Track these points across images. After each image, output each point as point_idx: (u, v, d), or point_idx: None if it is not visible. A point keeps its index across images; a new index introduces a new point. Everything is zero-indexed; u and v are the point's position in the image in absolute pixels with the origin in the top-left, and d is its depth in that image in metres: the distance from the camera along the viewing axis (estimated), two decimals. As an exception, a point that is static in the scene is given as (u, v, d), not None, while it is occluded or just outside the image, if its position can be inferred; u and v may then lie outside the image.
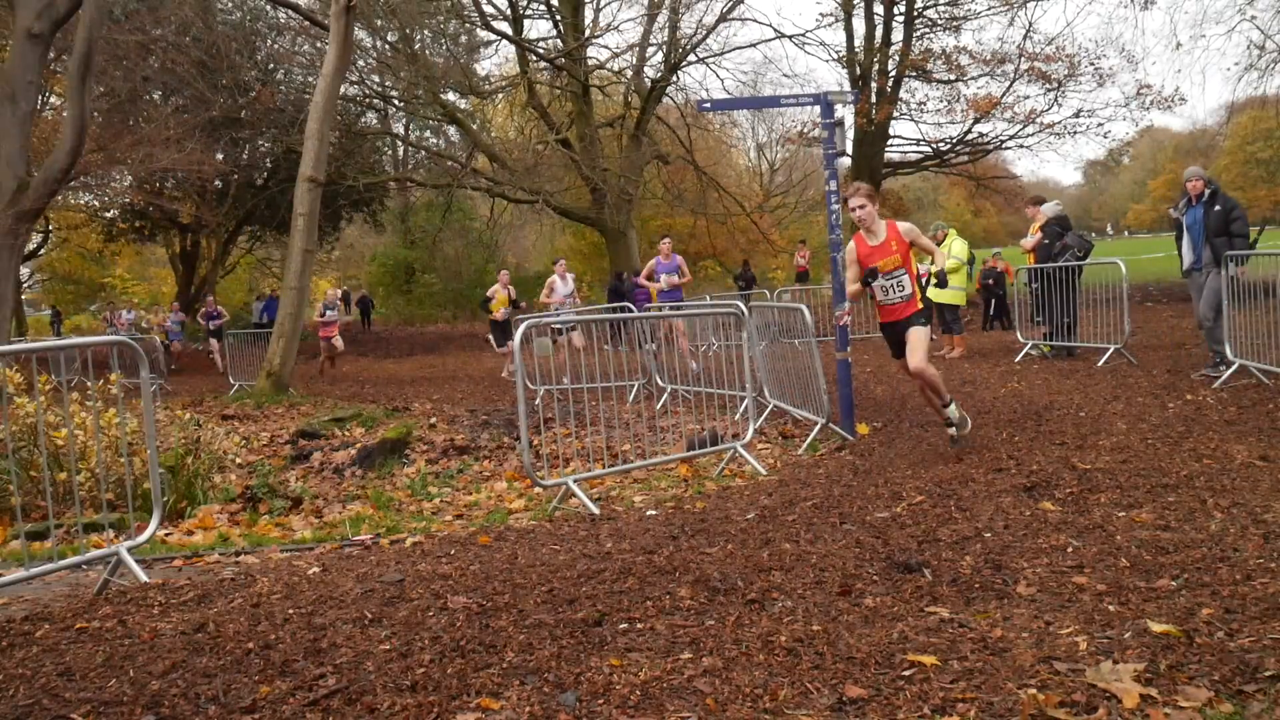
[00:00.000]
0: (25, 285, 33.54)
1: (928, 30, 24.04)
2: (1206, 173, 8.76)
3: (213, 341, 20.28)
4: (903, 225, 5.95)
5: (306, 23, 22.29)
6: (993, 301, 17.85)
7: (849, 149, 21.36)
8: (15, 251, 12.44)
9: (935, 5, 23.82)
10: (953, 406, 5.99)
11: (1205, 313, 8.31)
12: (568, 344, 11.50)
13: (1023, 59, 22.72)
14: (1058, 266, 10.60)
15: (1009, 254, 21.93)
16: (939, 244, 12.38)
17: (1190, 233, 8.41)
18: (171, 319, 23.02)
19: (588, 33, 24.71)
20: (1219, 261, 8.01)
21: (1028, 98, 23.73)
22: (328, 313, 16.63)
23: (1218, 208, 8.18)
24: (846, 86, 23.59)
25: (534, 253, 41.63)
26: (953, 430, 6.03)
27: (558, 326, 11.04)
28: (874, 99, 23.43)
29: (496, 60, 50.88)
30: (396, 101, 26.47)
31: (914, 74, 23.93)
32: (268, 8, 23.92)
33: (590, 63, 25.57)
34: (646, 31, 25.62)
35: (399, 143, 29.70)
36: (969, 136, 24.99)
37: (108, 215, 27.03)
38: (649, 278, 11.95)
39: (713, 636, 2.94)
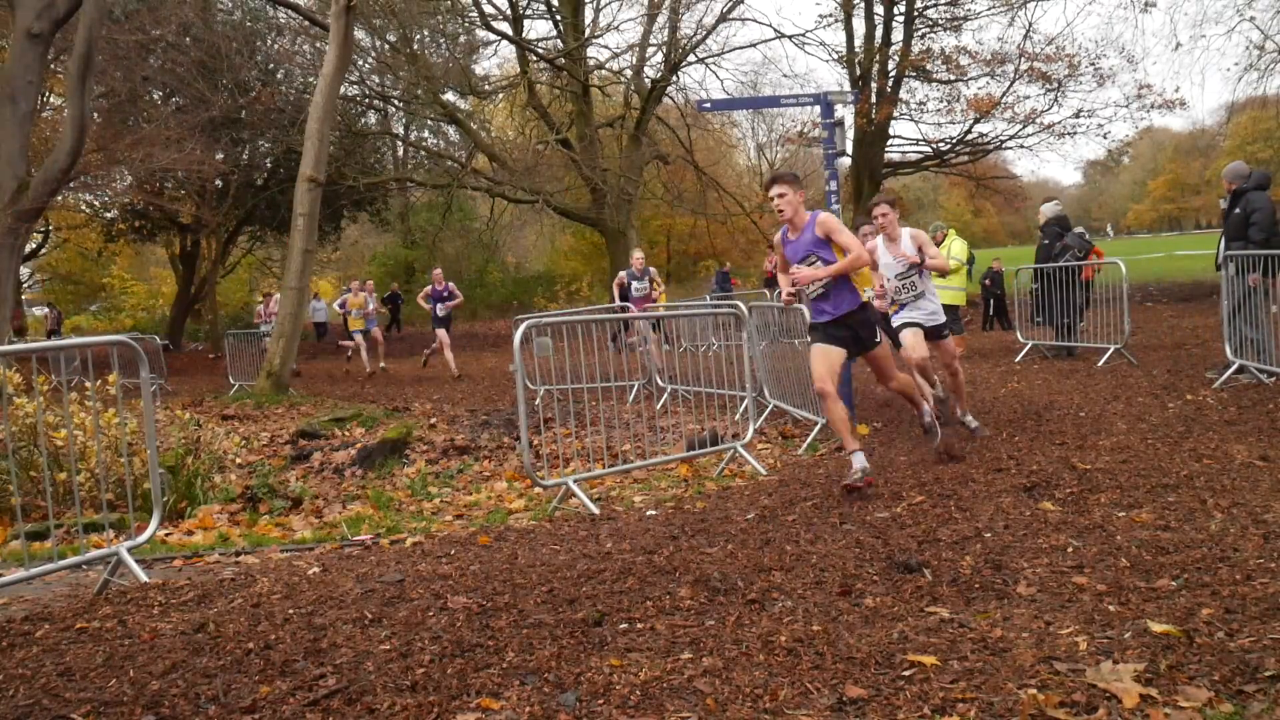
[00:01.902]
0: (25, 285, 33.51)
1: (928, 30, 24.05)
2: (1249, 167, 8.37)
3: (440, 333, 15.49)
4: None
5: (306, 23, 22.28)
6: (991, 301, 17.89)
7: (849, 149, 21.41)
8: (15, 251, 12.45)
9: (935, 5, 23.83)
10: None
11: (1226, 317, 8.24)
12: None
13: (1023, 59, 22.74)
14: (1058, 266, 10.62)
15: (1009, 254, 21.90)
16: (938, 245, 12.38)
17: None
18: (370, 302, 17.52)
19: (588, 33, 24.70)
20: (1235, 266, 7.90)
21: (1028, 98, 23.77)
22: (635, 285, 12.47)
23: (1238, 211, 8.03)
24: (846, 86, 23.59)
25: (534, 252, 41.62)
26: None
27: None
28: (874, 99, 23.43)
29: (496, 60, 50.87)
30: (396, 101, 26.47)
31: (914, 74, 23.95)
32: (268, 8, 23.91)
33: (590, 63, 25.57)
34: (646, 31, 25.61)
35: (399, 143, 29.71)
36: (969, 136, 25.01)
37: (108, 215, 27.01)
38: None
39: (713, 636, 2.94)
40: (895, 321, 6.51)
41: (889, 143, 25.70)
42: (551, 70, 25.12)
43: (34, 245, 30.49)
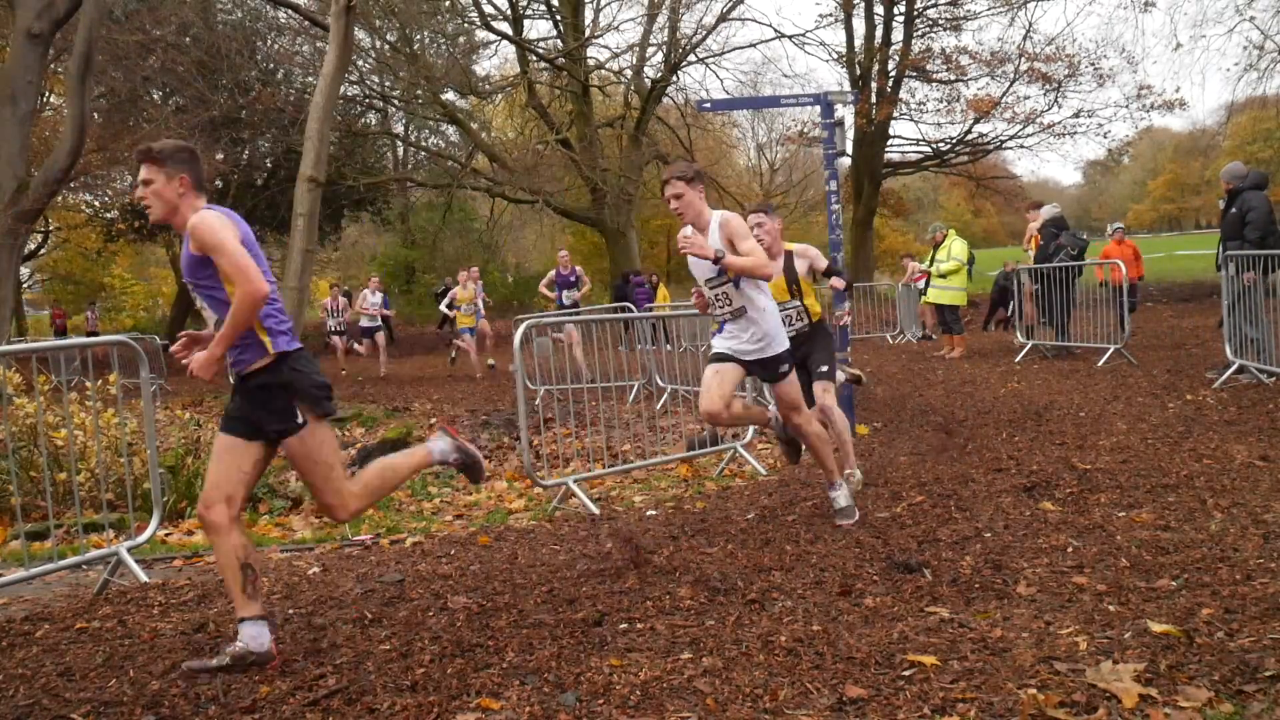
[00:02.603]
0: (25, 285, 33.51)
1: (928, 30, 24.06)
2: (1246, 168, 8.36)
3: (571, 330, 11.22)
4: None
5: (306, 23, 22.27)
6: (996, 300, 17.89)
7: (849, 149, 21.38)
8: (15, 251, 12.45)
9: (935, 5, 23.84)
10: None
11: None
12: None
13: (1023, 59, 22.74)
14: (1057, 266, 10.64)
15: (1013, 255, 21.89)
16: (938, 245, 12.39)
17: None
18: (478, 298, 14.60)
19: (588, 33, 24.69)
20: (1235, 265, 7.91)
21: (1027, 98, 23.76)
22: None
23: (1233, 210, 8.05)
24: (846, 86, 23.60)
25: (534, 252, 41.63)
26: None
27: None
28: (874, 99, 23.44)
29: (496, 60, 50.87)
30: (396, 101, 26.46)
31: (914, 74, 23.95)
32: (268, 8, 23.90)
33: (590, 63, 25.56)
34: (646, 31, 25.60)
35: (399, 143, 29.71)
36: (969, 137, 25.01)
37: (108, 215, 27.01)
38: None
39: (713, 636, 2.94)
40: (715, 346, 4.44)
41: (889, 143, 25.71)
42: (551, 70, 25.11)
43: (34, 245, 30.48)
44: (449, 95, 24.92)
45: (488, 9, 24.54)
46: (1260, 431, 5.70)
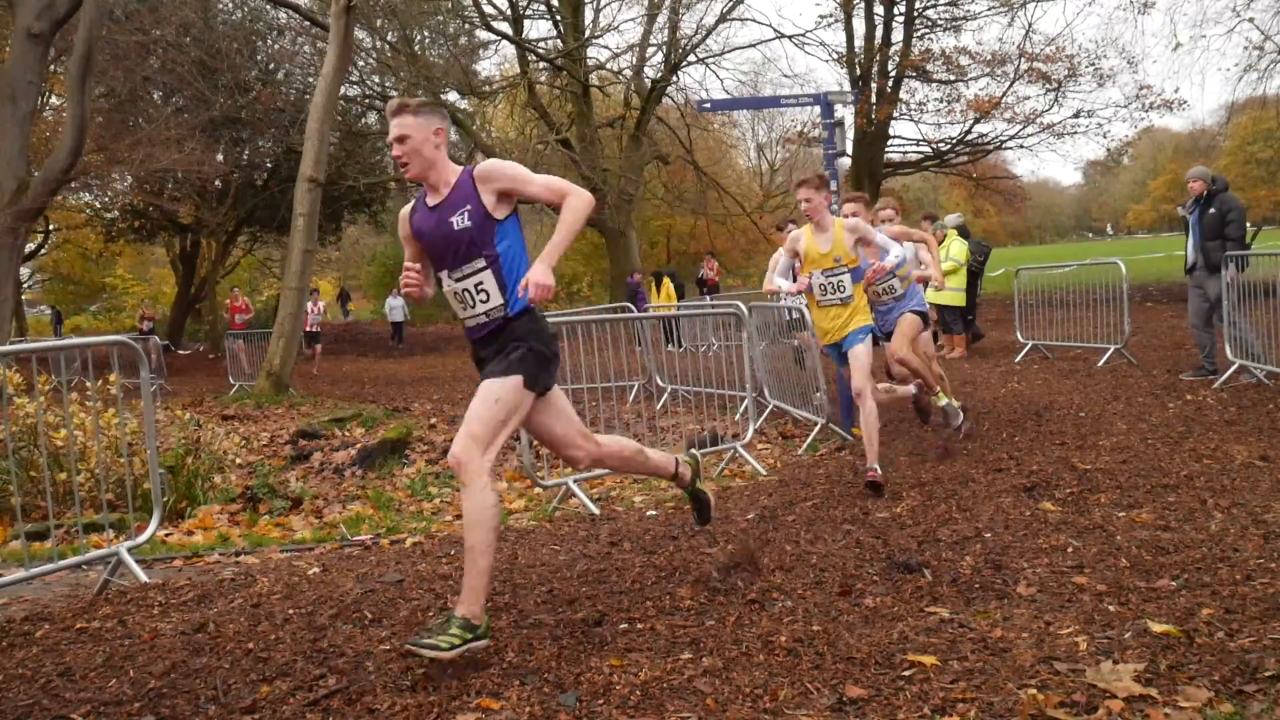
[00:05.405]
0: (25, 285, 33.49)
1: (928, 30, 24.05)
2: (1211, 172, 8.73)
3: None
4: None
5: (306, 23, 22.27)
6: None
7: (849, 149, 21.40)
8: (15, 251, 12.45)
9: (935, 5, 23.83)
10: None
11: (1193, 319, 8.47)
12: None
13: (1022, 59, 22.73)
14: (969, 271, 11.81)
15: (1011, 255, 21.87)
16: (939, 244, 12.47)
17: (1192, 233, 8.47)
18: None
19: (588, 33, 24.68)
20: (1210, 266, 8.05)
21: (1028, 98, 23.75)
22: None
23: (1213, 210, 8.18)
24: (846, 86, 23.58)
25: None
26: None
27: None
28: (874, 99, 23.42)
29: (496, 60, 50.84)
30: (397, 102, 26.44)
31: (914, 74, 23.94)
32: (268, 8, 23.89)
33: (590, 63, 25.55)
34: (646, 32, 25.59)
35: (399, 143, 29.68)
36: (969, 137, 25.00)
37: (108, 215, 27.00)
38: None
39: (713, 636, 2.94)
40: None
41: (889, 143, 25.69)
42: (551, 70, 25.11)
43: (34, 245, 30.46)
44: (449, 95, 24.91)
45: (488, 9, 24.52)
46: (1260, 431, 5.70)
